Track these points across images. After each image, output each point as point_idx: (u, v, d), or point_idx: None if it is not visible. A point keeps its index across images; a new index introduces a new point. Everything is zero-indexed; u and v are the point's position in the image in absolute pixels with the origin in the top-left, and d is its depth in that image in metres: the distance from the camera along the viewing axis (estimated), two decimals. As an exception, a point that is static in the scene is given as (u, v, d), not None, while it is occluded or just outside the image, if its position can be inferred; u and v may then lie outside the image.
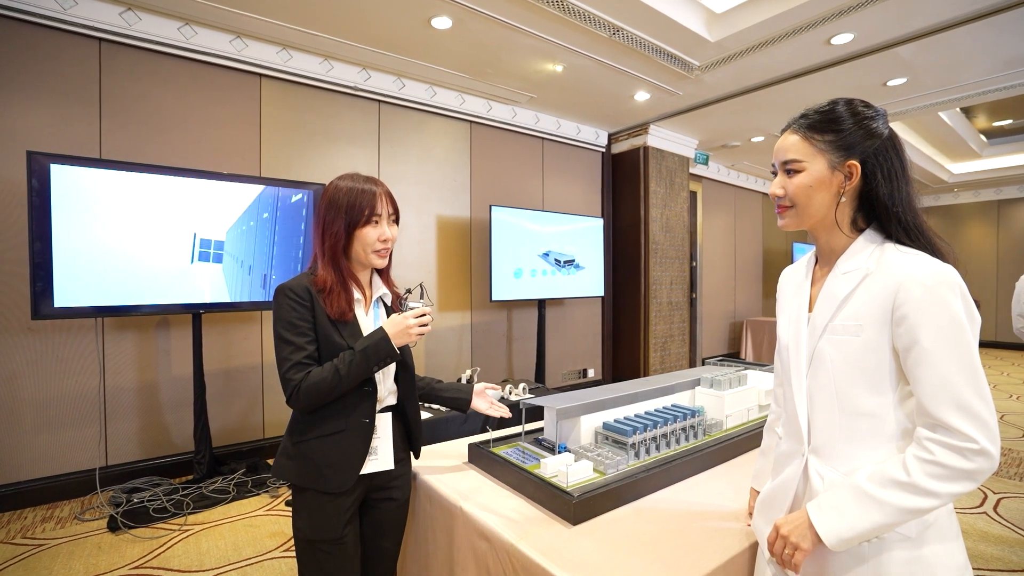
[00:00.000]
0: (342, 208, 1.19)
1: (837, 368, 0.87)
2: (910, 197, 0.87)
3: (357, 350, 1.15)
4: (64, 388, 2.80)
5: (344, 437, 1.19)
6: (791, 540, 0.84)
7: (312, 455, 1.18)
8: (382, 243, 1.22)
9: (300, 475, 1.18)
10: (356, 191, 1.20)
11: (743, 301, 7.63)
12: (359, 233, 1.20)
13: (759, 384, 1.83)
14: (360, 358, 1.14)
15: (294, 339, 1.16)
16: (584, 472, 1.26)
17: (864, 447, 0.85)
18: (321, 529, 1.17)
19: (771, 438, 1.13)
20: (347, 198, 1.20)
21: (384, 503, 1.29)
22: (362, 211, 1.19)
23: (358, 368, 1.14)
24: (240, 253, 2.93)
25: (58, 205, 2.39)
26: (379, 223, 1.22)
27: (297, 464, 1.19)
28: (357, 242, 1.21)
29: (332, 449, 1.18)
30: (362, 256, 1.23)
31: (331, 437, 1.18)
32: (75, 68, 2.83)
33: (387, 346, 1.16)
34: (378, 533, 1.30)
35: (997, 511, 2.66)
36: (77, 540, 2.36)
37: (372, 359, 1.15)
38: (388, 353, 1.16)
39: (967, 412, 0.74)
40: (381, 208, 1.21)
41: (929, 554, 0.82)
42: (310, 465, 1.18)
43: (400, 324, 1.17)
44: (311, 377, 1.13)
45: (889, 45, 3.43)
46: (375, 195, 1.21)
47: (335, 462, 1.17)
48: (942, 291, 0.78)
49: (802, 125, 0.91)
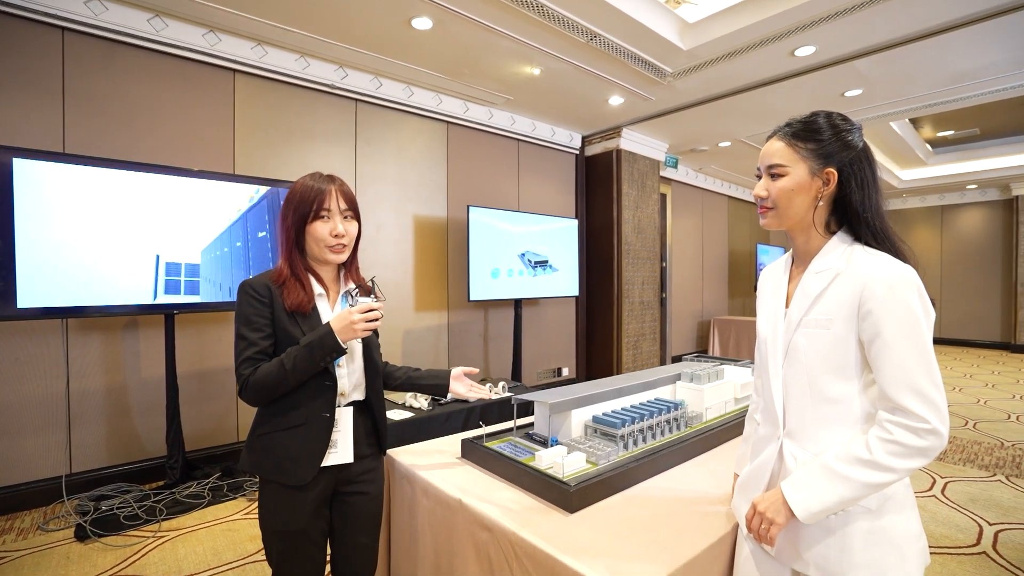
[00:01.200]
0: (293, 204, 1.22)
1: (810, 359, 0.96)
2: (878, 204, 0.96)
3: (302, 344, 1.15)
4: (24, 393, 2.67)
5: (304, 431, 1.20)
6: (767, 516, 0.92)
7: (274, 448, 1.19)
8: (335, 238, 1.22)
9: (263, 468, 1.20)
10: (308, 187, 1.21)
11: (710, 300, 7.89)
12: (310, 228, 1.21)
13: (735, 379, 1.93)
14: (305, 353, 1.14)
15: (248, 334, 1.17)
16: (578, 463, 1.32)
17: (833, 430, 0.94)
18: (285, 521, 1.19)
19: (751, 426, 1.21)
20: (299, 194, 1.21)
21: (354, 497, 1.29)
22: (310, 206, 1.20)
23: (304, 363, 1.14)
24: (218, 255, 2.87)
25: (20, 201, 2.29)
26: (329, 218, 1.22)
27: (260, 457, 1.20)
28: (310, 237, 1.22)
29: (292, 442, 1.19)
30: (316, 251, 1.23)
31: (291, 431, 1.20)
32: (36, 58, 2.70)
33: (331, 340, 1.15)
34: (352, 528, 1.30)
35: (944, 494, 2.86)
36: (42, 551, 2.27)
37: (317, 353, 1.15)
38: (333, 348, 1.15)
39: (922, 397, 0.83)
40: (331, 203, 1.21)
41: (888, 524, 0.91)
42: (272, 458, 1.19)
43: (345, 319, 1.16)
44: (258, 372, 1.14)
45: (848, 58, 3.64)
46: (325, 191, 1.21)
47: (295, 455, 1.19)
48: (903, 289, 0.87)
49: (787, 133, 0.99)
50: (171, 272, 2.73)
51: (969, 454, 3.51)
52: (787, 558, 0.98)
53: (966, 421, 4.34)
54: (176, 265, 2.74)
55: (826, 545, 0.92)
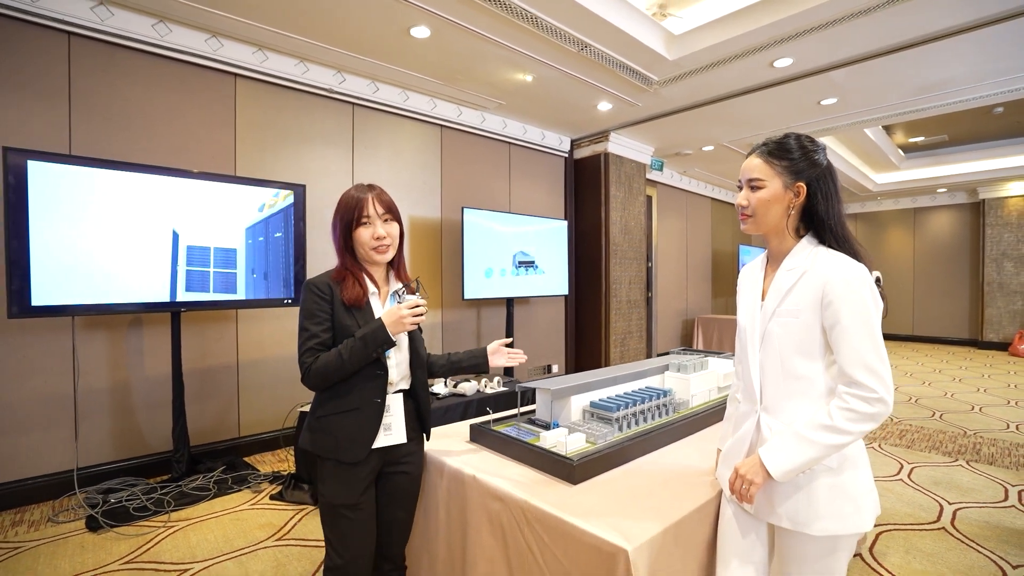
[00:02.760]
0: (340, 213, 1.38)
1: (782, 343, 1.12)
2: (840, 213, 1.13)
3: (357, 337, 1.29)
4: (34, 389, 2.73)
5: (358, 414, 1.34)
6: (747, 477, 1.08)
7: (331, 429, 1.34)
8: (376, 240, 1.36)
9: (321, 446, 1.34)
10: (350, 198, 1.37)
11: (694, 299, 8.12)
12: (355, 234, 1.37)
13: (718, 369, 2.09)
14: (360, 344, 1.28)
15: (311, 327, 1.32)
16: (578, 443, 1.46)
17: (801, 403, 1.11)
18: (340, 494, 1.33)
19: (732, 406, 1.37)
20: (344, 204, 1.38)
21: (398, 476, 1.45)
22: (352, 214, 1.36)
23: (358, 353, 1.28)
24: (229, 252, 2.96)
25: (35, 202, 2.36)
26: (370, 223, 1.36)
27: (318, 436, 1.35)
28: (356, 242, 1.38)
29: (348, 424, 1.33)
30: (363, 253, 1.38)
31: (347, 414, 1.34)
32: (43, 62, 2.76)
33: (383, 334, 1.29)
34: (393, 503, 1.45)
35: (911, 477, 3.08)
36: (56, 541, 2.34)
37: (370, 345, 1.29)
38: (384, 340, 1.30)
39: (872, 372, 1.01)
40: (370, 210, 1.36)
41: (846, 479, 1.09)
42: (329, 438, 1.33)
43: (395, 314, 1.30)
44: (319, 360, 1.29)
45: (823, 69, 3.85)
46: (363, 200, 1.36)
47: (351, 436, 1.33)
48: (857, 285, 1.04)
49: (764, 152, 1.15)
50: (191, 264, 2.81)
51: (935, 442, 3.74)
52: (764, 514, 1.14)
53: (933, 412, 4.59)
54: (202, 250, 2.82)
55: (796, 500, 1.09)
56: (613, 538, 1.04)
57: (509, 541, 1.26)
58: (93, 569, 2.11)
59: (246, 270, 3.05)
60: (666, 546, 1.10)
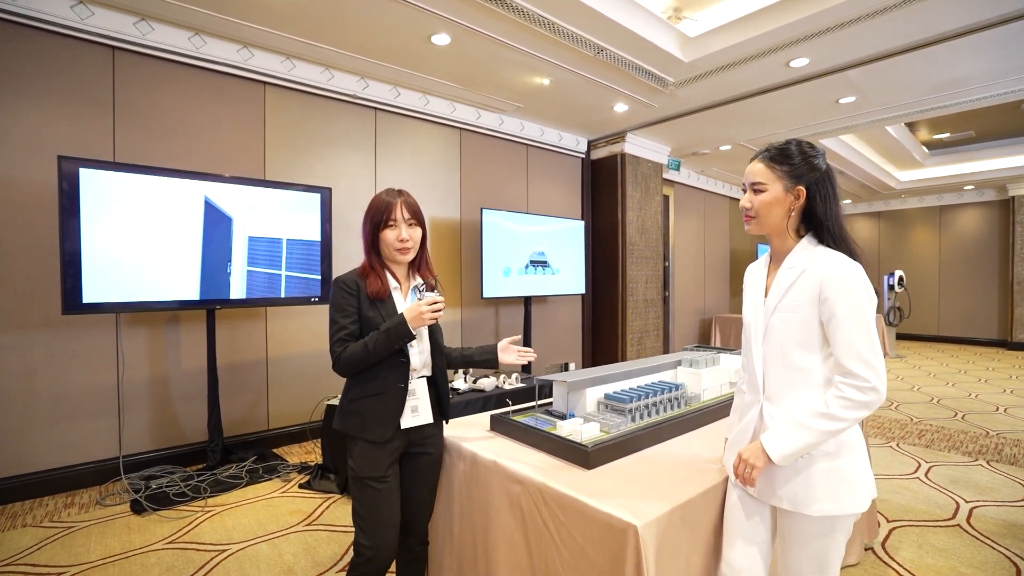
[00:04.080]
0: (370, 214, 1.51)
1: (783, 337, 1.20)
2: (838, 215, 1.20)
3: (381, 330, 1.43)
4: (82, 381, 2.93)
5: (383, 398, 1.47)
6: (750, 462, 1.16)
7: (360, 411, 1.48)
8: (400, 242, 1.50)
9: (351, 426, 1.48)
10: (380, 201, 1.50)
11: (712, 299, 8.10)
12: (381, 235, 1.50)
13: (730, 365, 2.16)
14: (383, 337, 1.42)
15: (340, 319, 1.46)
16: (593, 432, 1.55)
17: (800, 393, 1.18)
18: (368, 468, 1.46)
19: (739, 397, 1.44)
20: (374, 206, 1.51)
21: (421, 456, 1.58)
22: (380, 216, 1.49)
23: (382, 344, 1.42)
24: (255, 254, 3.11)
25: (85, 207, 2.54)
26: (395, 226, 1.49)
27: (349, 418, 1.49)
28: (382, 242, 1.51)
29: (374, 407, 1.47)
30: (387, 252, 1.52)
31: (374, 397, 1.48)
32: (90, 75, 2.95)
33: (404, 328, 1.42)
34: (418, 481, 1.59)
35: (928, 476, 3.08)
36: (104, 522, 2.51)
37: (393, 337, 1.42)
38: (405, 333, 1.43)
39: (865, 362, 1.07)
40: (396, 214, 1.49)
41: (843, 464, 1.16)
42: (359, 419, 1.47)
43: (415, 310, 1.42)
44: (348, 350, 1.43)
45: (840, 69, 3.86)
46: (392, 204, 1.49)
47: (378, 417, 1.47)
48: (852, 281, 1.11)
49: (766, 157, 1.23)
50: (213, 274, 2.97)
51: (955, 442, 3.72)
52: (766, 496, 1.21)
53: (955, 413, 4.54)
54: (235, 250, 2.98)
55: (795, 483, 1.16)
56: (624, 515, 1.13)
57: (528, 520, 1.36)
58: (141, 547, 2.27)
59: (276, 269, 3.20)
60: (673, 524, 1.18)
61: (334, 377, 3.85)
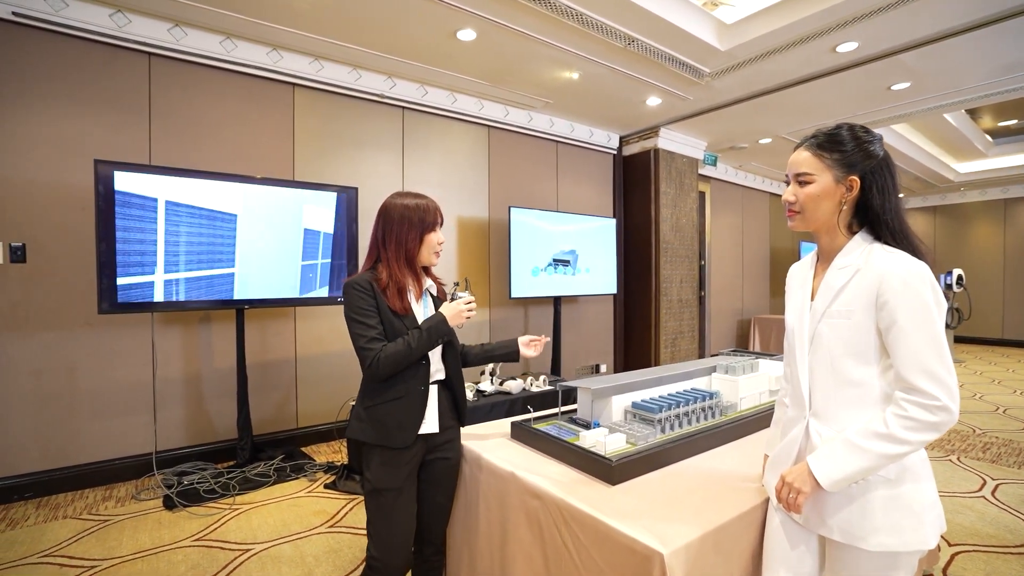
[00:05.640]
0: (415, 220, 1.46)
1: (833, 345, 1.06)
2: (898, 207, 1.05)
3: (423, 328, 1.41)
4: (119, 378, 3.01)
5: (404, 402, 1.43)
6: (795, 486, 1.03)
7: (381, 417, 1.42)
8: (439, 244, 1.52)
9: (370, 434, 1.42)
10: (422, 206, 1.48)
11: (750, 299, 7.78)
12: (427, 238, 1.48)
13: (769, 371, 2.00)
14: (426, 335, 1.42)
15: (367, 321, 1.41)
16: (618, 443, 1.44)
17: (854, 409, 1.04)
18: (385, 480, 1.41)
19: (780, 410, 1.31)
20: (416, 212, 1.47)
21: (439, 462, 1.53)
22: (427, 220, 1.48)
23: (424, 343, 1.41)
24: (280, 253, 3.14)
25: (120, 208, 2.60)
26: (437, 229, 1.51)
27: (367, 425, 1.43)
28: (425, 246, 1.49)
29: (397, 411, 1.43)
30: (426, 257, 1.51)
31: (395, 402, 1.43)
32: (127, 80, 3.03)
33: (445, 326, 1.45)
34: (433, 488, 1.54)
35: (995, 495, 2.81)
36: (138, 516, 2.57)
37: (435, 335, 1.43)
38: (446, 332, 1.46)
39: (933, 377, 0.93)
40: (438, 217, 1.52)
41: (906, 492, 1.01)
42: (379, 426, 1.42)
43: (454, 309, 1.47)
44: (387, 349, 1.38)
45: (892, 52, 3.58)
46: (435, 208, 1.51)
47: (400, 422, 1.42)
48: (916, 283, 0.96)
49: (813, 144, 1.09)
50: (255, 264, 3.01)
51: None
52: (813, 525, 1.08)
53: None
54: (263, 250, 3.02)
55: (849, 511, 1.02)
56: (649, 541, 1.02)
57: (546, 538, 1.27)
58: (169, 544, 2.30)
59: (302, 269, 3.22)
60: (705, 552, 1.07)
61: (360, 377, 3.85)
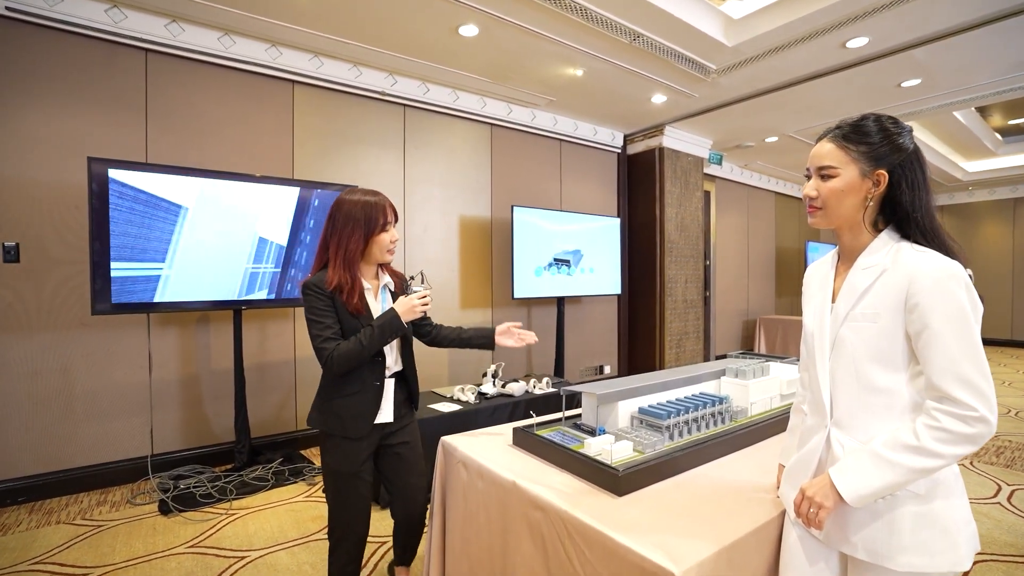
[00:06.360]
0: (360, 220, 1.49)
1: (857, 351, 0.99)
2: (929, 204, 0.98)
3: (375, 326, 1.47)
4: (115, 380, 2.96)
5: (360, 396, 1.54)
6: (815, 500, 0.96)
7: (337, 410, 1.53)
8: (392, 243, 1.56)
9: (329, 424, 1.54)
10: (369, 204, 1.50)
11: (756, 299, 7.69)
12: (376, 239, 1.52)
13: (781, 375, 1.93)
14: (378, 332, 1.47)
15: (323, 320, 1.49)
16: (625, 451, 1.38)
17: (880, 419, 0.97)
18: (343, 464, 1.54)
19: (797, 417, 1.24)
20: (363, 212, 1.49)
21: (398, 447, 1.66)
22: (377, 221, 1.51)
23: (376, 340, 1.47)
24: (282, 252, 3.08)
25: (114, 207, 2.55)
26: (388, 228, 1.54)
27: (327, 416, 1.55)
28: (375, 246, 1.54)
29: (352, 405, 1.53)
30: (378, 256, 1.56)
31: (351, 396, 1.53)
32: (124, 77, 2.98)
33: (398, 322, 1.50)
34: (404, 471, 1.67)
35: (1011, 501, 2.73)
36: (133, 522, 2.52)
37: (387, 332, 1.49)
38: (398, 328, 1.50)
39: (969, 385, 0.86)
40: (389, 216, 1.54)
41: (937, 508, 0.94)
42: (336, 417, 1.53)
43: (407, 304, 1.51)
44: (340, 348, 1.45)
45: (904, 48, 3.50)
46: (384, 206, 1.53)
47: (355, 414, 1.53)
48: (949, 283, 0.89)
49: (837, 135, 1.02)
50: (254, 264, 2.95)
51: (1040, 462, 3.32)
52: (835, 542, 1.01)
53: (1038, 428, 4.08)
54: (263, 250, 2.96)
55: (874, 528, 0.95)
56: (659, 559, 0.96)
57: (550, 552, 1.21)
58: (163, 551, 2.25)
59: (300, 269, 3.16)
60: (719, 570, 1.00)
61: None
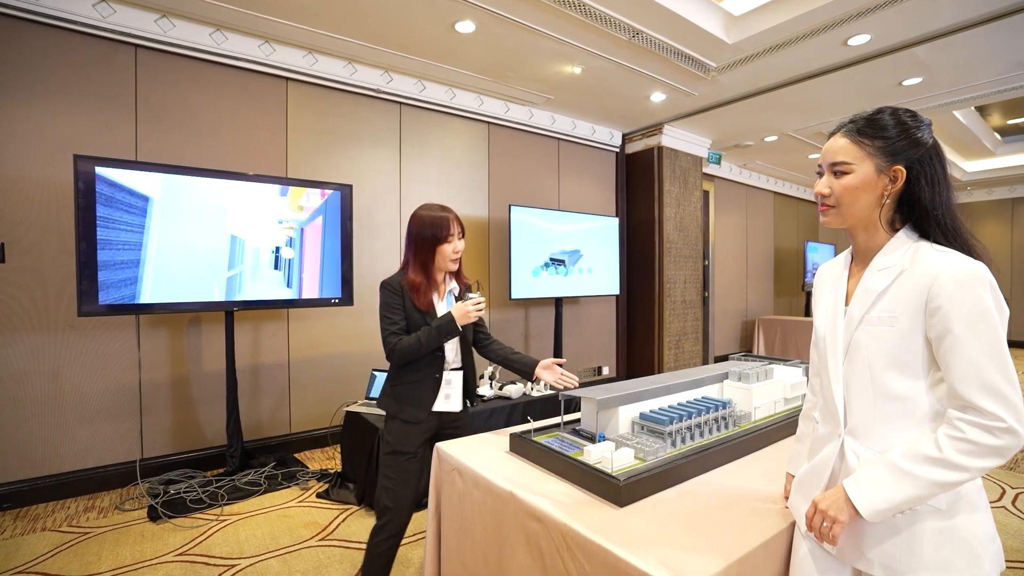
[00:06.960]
0: (427, 235, 1.69)
1: (872, 356, 0.93)
2: (950, 201, 0.92)
3: (433, 326, 1.66)
4: (104, 383, 2.90)
5: (420, 385, 1.72)
6: (829, 514, 0.91)
7: (400, 395, 1.72)
8: (455, 254, 1.73)
9: (391, 407, 1.73)
10: (437, 217, 1.70)
11: (755, 300, 7.65)
12: (440, 248, 1.71)
13: (785, 378, 1.89)
14: (435, 332, 1.66)
15: (390, 315, 1.69)
16: (626, 459, 1.33)
17: (897, 428, 0.92)
18: (401, 444, 1.70)
19: (807, 425, 1.19)
20: (432, 227, 1.69)
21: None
22: (441, 233, 1.69)
23: (433, 339, 1.66)
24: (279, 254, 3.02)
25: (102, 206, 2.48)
26: (452, 240, 1.72)
27: (390, 400, 1.74)
28: (439, 255, 1.71)
29: (412, 393, 1.72)
30: (442, 264, 1.74)
31: (412, 384, 1.72)
32: (113, 73, 2.92)
33: (453, 325, 1.66)
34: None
35: (1016, 505, 2.69)
36: (120, 528, 2.46)
37: (443, 333, 1.66)
38: (453, 330, 1.67)
39: (995, 394, 0.81)
40: (453, 229, 1.72)
41: (959, 524, 0.88)
42: (398, 401, 1.72)
43: (462, 309, 1.67)
44: (402, 342, 1.65)
45: (905, 46, 3.46)
46: (449, 220, 1.71)
47: (412, 401, 1.71)
48: (973, 285, 0.84)
49: (851, 130, 0.97)
50: (246, 264, 2.89)
51: (1043, 464, 3.28)
52: (850, 557, 0.96)
53: (1040, 429, 4.04)
54: (255, 250, 2.90)
55: (892, 544, 0.90)
56: (663, 575, 0.91)
57: (548, 566, 1.15)
58: (150, 559, 2.19)
59: (296, 269, 3.10)
60: (727, 587, 0.95)
61: (358, 380, 3.75)
